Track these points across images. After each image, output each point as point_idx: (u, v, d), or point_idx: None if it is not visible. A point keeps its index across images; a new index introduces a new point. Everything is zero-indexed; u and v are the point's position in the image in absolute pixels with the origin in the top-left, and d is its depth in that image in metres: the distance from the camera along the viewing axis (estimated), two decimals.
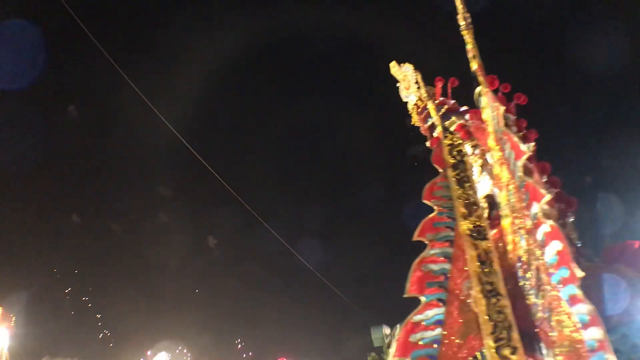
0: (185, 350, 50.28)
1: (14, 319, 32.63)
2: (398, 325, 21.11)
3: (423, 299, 5.42)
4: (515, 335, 4.59)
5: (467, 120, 6.09)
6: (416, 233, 5.70)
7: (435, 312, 5.37)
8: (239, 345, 54.65)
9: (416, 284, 5.49)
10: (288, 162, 73.50)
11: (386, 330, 25.76)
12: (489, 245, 5.15)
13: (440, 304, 5.39)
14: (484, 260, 5.08)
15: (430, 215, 5.77)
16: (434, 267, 5.56)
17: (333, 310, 51.24)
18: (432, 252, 5.62)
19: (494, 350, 4.54)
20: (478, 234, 5.26)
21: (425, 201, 5.83)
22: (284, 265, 54.15)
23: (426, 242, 5.68)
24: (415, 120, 6.63)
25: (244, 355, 53.90)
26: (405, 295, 5.51)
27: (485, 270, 5.02)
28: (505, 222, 5.22)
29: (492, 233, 5.46)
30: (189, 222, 65.48)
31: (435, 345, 5.23)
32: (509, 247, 5.19)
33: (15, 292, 42.42)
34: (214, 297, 55.82)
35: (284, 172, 73.26)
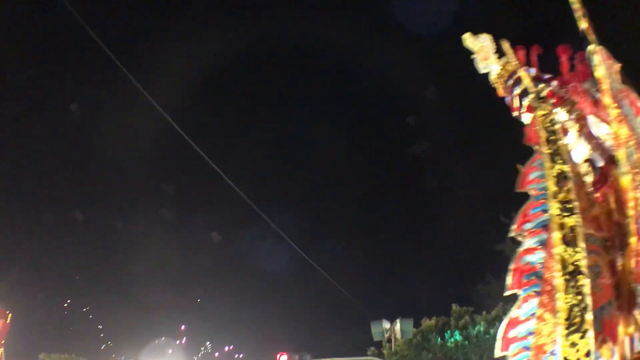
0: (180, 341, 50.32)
1: (9, 315, 32.60)
2: (398, 320, 21.11)
3: (521, 293, 5.28)
4: (589, 317, 4.50)
5: (555, 87, 5.86)
6: (514, 226, 5.47)
7: (531, 305, 5.23)
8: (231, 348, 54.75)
9: (515, 279, 5.33)
10: (286, 159, 73.67)
11: (386, 324, 25.80)
12: (577, 220, 4.92)
13: (536, 295, 5.24)
14: (568, 240, 4.88)
15: (527, 202, 5.53)
16: (531, 257, 5.36)
17: (333, 306, 51.47)
18: (529, 242, 5.40)
19: (564, 336, 4.48)
20: (565, 210, 5.04)
21: (521, 190, 5.59)
22: (285, 261, 54.31)
23: (525, 234, 5.45)
24: (500, 92, 6.35)
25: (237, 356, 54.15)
26: (505, 294, 5.43)
27: (570, 251, 4.84)
28: (625, 180, 5.01)
29: (595, 196, 5.33)
30: (190, 219, 65.64)
31: (529, 337, 5.14)
32: (630, 204, 4.96)
33: (13, 290, 42.55)
34: (215, 295, 55.95)
35: (284, 170, 73.40)
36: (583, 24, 5.37)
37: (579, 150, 5.70)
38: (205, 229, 64.13)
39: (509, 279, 5.34)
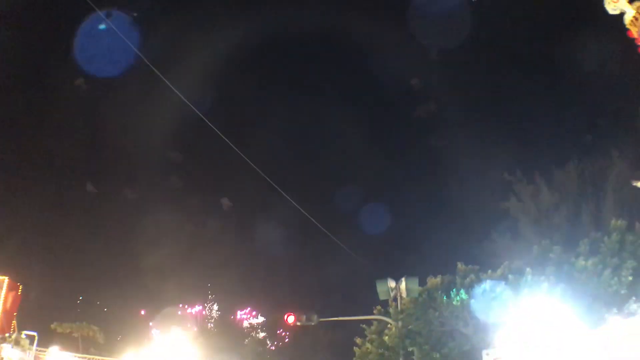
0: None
1: (20, 288, 32.98)
2: (403, 279, 21.22)
3: None
4: None
5: None
6: None
7: None
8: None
9: None
10: (293, 123, 73.57)
11: (391, 283, 25.84)
12: None
13: None
14: None
15: None
16: None
17: (339, 266, 51.80)
18: None
19: None
20: None
21: None
22: (291, 224, 54.69)
23: None
24: (633, 33, 6.33)
25: None
26: None
27: None
28: None
29: None
30: (201, 188, 65.91)
31: None
32: None
33: (25, 263, 42.93)
34: (224, 260, 56.37)
35: (289, 132, 73.33)
36: None
37: None
38: (215, 196, 64.58)
39: None
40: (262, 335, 54.76)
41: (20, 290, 32.71)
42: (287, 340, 54.65)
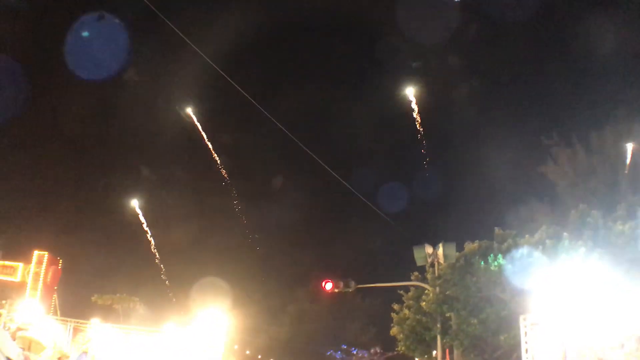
0: None
1: (60, 262, 33.74)
2: (440, 244, 21.25)
3: None
4: None
5: None
6: None
7: None
8: None
9: None
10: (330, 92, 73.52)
11: (428, 249, 25.88)
12: None
13: None
14: None
15: None
16: None
17: (377, 233, 52.08)
18: None
19: None
20: None
21: None
22: (329, 192, 55.09)
23: None
24: None
25: None
26: None
27: None
28: None
29: None
30: (242, 166, 66.58)
31: None
32: None
33: (65, 237, 43.75)
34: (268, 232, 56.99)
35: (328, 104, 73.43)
36: None
37: None
38: (257, 174, 65.20)
39: None
40: (301, 303, 55.42)
41: (60, 265, 33.55)
42: (325, 307, 55.29)
